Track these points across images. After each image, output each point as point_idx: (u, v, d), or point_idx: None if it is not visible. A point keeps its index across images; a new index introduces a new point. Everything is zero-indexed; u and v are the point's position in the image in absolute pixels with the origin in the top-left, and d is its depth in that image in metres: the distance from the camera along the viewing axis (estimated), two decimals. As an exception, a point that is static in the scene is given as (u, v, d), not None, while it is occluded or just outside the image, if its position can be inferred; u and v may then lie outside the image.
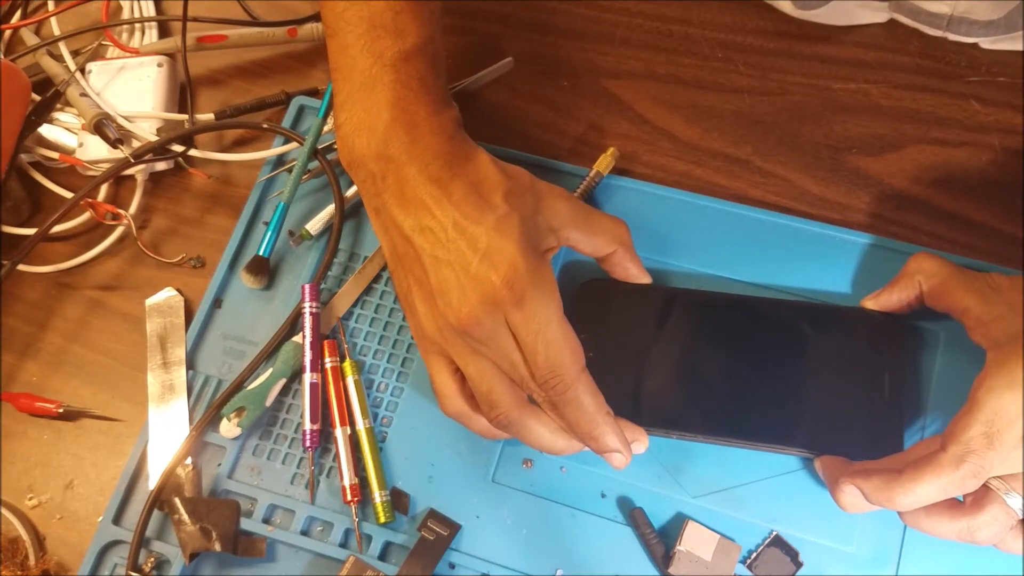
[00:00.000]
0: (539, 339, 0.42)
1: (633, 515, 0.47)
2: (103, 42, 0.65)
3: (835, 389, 0.47)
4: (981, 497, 0.40)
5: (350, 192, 0.56)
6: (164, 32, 0.66)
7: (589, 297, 0.50)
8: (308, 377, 0.51)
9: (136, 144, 0.59)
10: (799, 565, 0.46)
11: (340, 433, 0.50)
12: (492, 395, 0.44)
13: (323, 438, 0.51)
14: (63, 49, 0.63)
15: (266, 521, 0.50)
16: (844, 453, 0.45)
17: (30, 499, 0.54)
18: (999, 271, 0.49)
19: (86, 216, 0.60)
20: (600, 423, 0.43)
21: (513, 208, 0.43)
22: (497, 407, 0.44)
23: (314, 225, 0.56)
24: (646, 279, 0.50)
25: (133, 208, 0.59)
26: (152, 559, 0.50)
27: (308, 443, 0.50)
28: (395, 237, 0.45)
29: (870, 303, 0.48)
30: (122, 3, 0.67)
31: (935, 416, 0.47)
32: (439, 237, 0.43)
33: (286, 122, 0.59)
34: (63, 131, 0.62)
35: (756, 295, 0.50)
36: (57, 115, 0.62)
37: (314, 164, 0.57)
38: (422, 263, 0.44)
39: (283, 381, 0.52)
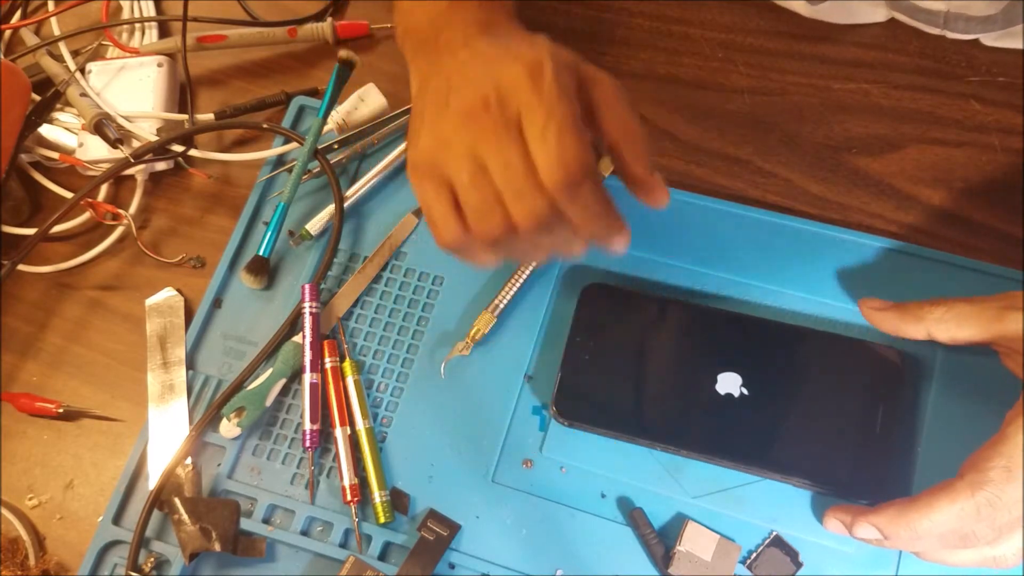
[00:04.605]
0: (551, 125, 0.38)
1: (633, 515, 0.47)
2: (103, 42, 0.65)
3: (828, 421, 0.46)
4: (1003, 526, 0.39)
5: (350, 192, 0.56)
6: (164, 32, 0.67)
7: (590, 301, 0.51)
8: (308, 377, 0.51)
9: (136, 144, 0.59)
10: (799, 565, 0.46)
11: (340, 433, 0.50)
12: (486, 203, 0.40)
13: (323, 438, 0.51)
14: (63, 49, 0.63)
15: (266, 521, 0.50)
16: (829, 486, 0.45)
17: (30, 499, 0.54)
18: (998, 271, 0.49)
19: (86, 216, 0.60)
20: (610, 219, 0.41)
21: (554, 48, 0.41)
22: (491, 216, 0.40)
23: (314, 225, 0.56)
24: (664, 196, 0.45)
25: (133, 208, 0.59)
26: (152, 559, 0.50)
27: (308, 443, 0.50)
28: (432, 78, 0.44)
29: (866, 310, 0.47)
30: (122, 3, 0.67)
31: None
32: (475, 57, 0.42)
33: (286, 122, 0.59)
34: (63, 131, 0.62)
35: (760, 314, 0.50)
36: (57, 115, 0.62)
37: (314, 164, 0.57)
38: (448, 80, 0.42)
39: (283, 381, 0.52)
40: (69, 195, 0.61)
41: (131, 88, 0.61)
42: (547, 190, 0.39)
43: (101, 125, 0.58)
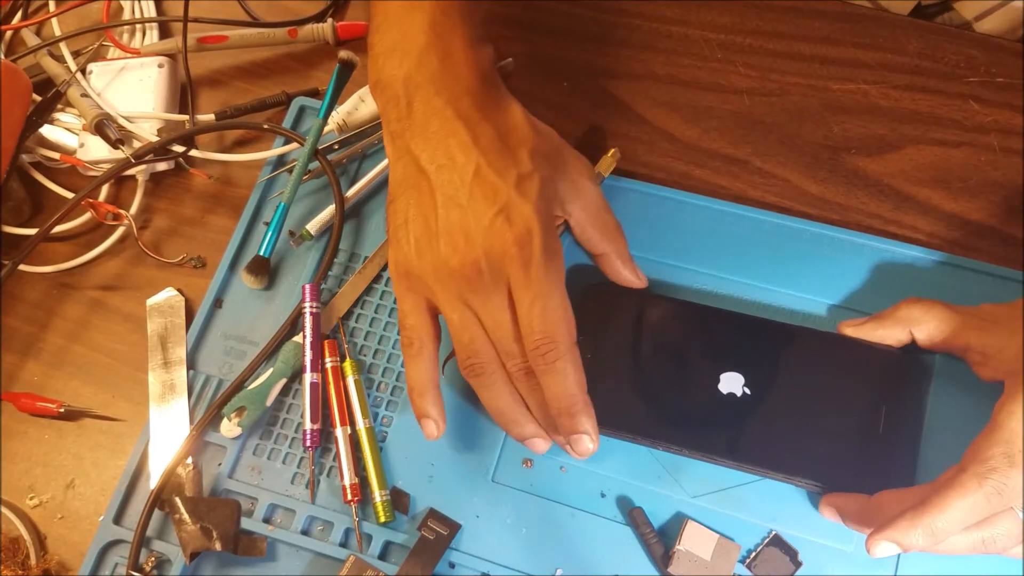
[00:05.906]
0: (537, 304, 0.41)
1: (632, 515, 0.47)
2: (104, 43, 0.65)
3: (831, 420, 0.46)
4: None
5: (351, 192, 0.56)
6: (165, 33, 0.67)
7: (592, 301, 0.50)
8: (308, 377, 0.51)
9: (137, 144, 0.60)
10: (798, 565, 0.46)
11: (340, 433, 0.50)
12: (474, 344, 0.43)
13: (323, 438, 0.51)
14: (64, 50, 0.63)
15: (266, 521, 0.50)
16: (833, 486, 0.45)
17: (31, 499, 0.54)
18: (997, 271, 0.49)
19: (87, 216, 0.60)
20: (580, 400, 0.43)
21: (537, 168, 0.42)
22: (477, 356, 0.43)
23: (314, 225, 0.56)
24: (640, 284, 0.49)
25: (134, 208, 0.60)
26: (153, 558, 0.50)
27: (308, 443, 0.50)
28: (408, 166, 0.44)
29: (849, 330, 0.47)
30: (123, 4, 0.67)
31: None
32: (458, 179, 0.42)
33: (286, 123, 0.59)
34: (64, 131, 0.62)
35: (759, 314, 0.50)
36: (58, 115, 0.62)
37: (315, 164, 0.57)
38: (433, 198, 0.42)
39: (283, 381, 0.52)
40: (70, 195, 0.61)
41: (132, 89, 0.62)
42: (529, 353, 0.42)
43: (102, 125, 0.58)
